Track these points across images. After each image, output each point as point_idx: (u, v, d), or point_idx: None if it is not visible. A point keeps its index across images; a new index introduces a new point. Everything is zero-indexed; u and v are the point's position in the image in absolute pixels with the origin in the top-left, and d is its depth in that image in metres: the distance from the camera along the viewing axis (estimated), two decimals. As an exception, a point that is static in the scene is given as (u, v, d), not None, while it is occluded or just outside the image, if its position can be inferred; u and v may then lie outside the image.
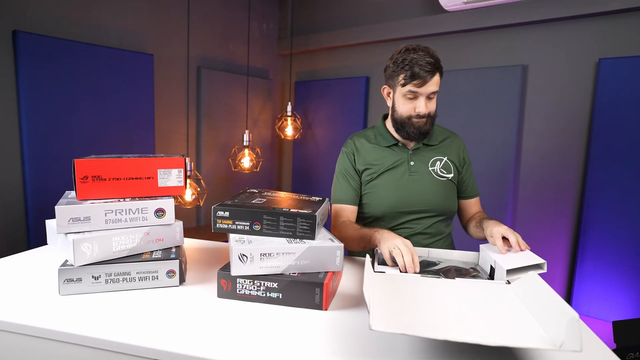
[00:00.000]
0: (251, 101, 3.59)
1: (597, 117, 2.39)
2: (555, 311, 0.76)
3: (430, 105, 1.37)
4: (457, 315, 0.85)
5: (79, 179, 1.05)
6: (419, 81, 1.31)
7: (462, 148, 1.53)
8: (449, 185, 1.46)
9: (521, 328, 0.79)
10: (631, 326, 2.02)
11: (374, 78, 3.44)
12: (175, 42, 3.02)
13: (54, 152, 2.36)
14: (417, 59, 1.31)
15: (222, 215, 1.04)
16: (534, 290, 0.88)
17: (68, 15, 2.43)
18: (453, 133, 1.56)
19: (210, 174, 3.38)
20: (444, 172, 1.46)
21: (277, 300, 0.96)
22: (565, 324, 0.70)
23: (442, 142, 1.50)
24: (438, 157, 1.47)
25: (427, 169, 1.45)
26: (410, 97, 1.36)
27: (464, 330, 0.79)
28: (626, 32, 2.34)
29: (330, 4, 3.66)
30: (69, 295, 0.98)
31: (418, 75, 1.30)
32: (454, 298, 0.94)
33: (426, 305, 0.89)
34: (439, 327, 0.79)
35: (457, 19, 2.85)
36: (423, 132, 1.40)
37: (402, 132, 1.42)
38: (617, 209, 2.36)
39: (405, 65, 1.32)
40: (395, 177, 1.44)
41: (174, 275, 1.06)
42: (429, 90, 1.33)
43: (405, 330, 0.72)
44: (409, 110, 1.38)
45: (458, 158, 1.49)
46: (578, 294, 2.49)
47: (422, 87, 1.32)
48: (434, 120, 1.42)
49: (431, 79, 1.31)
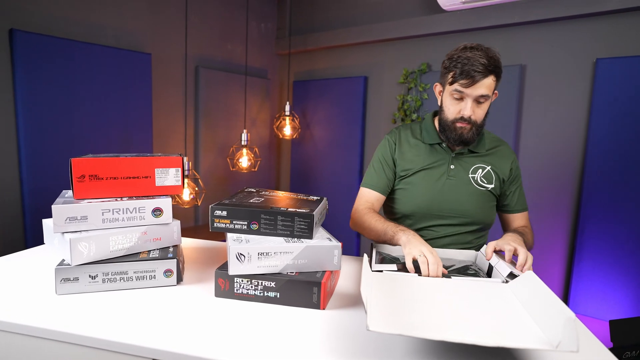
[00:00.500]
0: (249, 101, 3.59)
1: (594, 117, 2.40)
2: (552, 311, 0.76)
3: (478, 111, 1.28)
4: (454, 315, 0.85)
5: (76, 178, 1.05)
6: (467, 80, 1.23)
7: (512, 160, 1.43)
8: (486, 195, 1.39)
9: (518, 328, 0.79)
10: (628, 325, 2.02)
11: (372, 78, 3.45)
12: (173, 42, 3.01)
13: (51, 151, 2.35)
14: (471, 58, 1.22)
15: (220, 215, 1.04)
16: (531, 290, 0.89)
17: (65, 14, 2.42)
18: (504, 143, 1.47)
19: (209, 174, 3.37)
20: (484, 182, 1.39)
21: (275, 299, 0.96)
22: (562, 324, 0.70)
23: (489, 151, 1.42)
24: (481, 165, 1.40)
25: (467, 175, 1.39)
26: (456, 97, 1.28)
27: (461, 330, 0.79)
28: (623, 32, 2.34)
29: (328, 3, 3.66)
30: (65, 294, 0.98)
31: (467, 74, 1.22)
32: (452, 297, 0.94)
33: (423, 305, 0.89)
34: (436, 327, 0.79)
35: (455, 19, 2.85)
36: (465, 140, 1.32)
37: (444, 135, 1.36)
38: (614, 208, 2.37)
39: (458, 63, 1.24)
40: (432, 177, 1.40)
41: (172, 275, 1.05)
42: (476, 92, 1.24)
43: (402, 331, 0.71)
44: (454, 112, 1.30)
45: (503, 169, 1.40)
46: (575, 293, 2.50)
47: (469, 88, 1.24)
48: (479, 130, 1.32)
49: (481, 81, 1.22)
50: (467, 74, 1.22)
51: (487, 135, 1.45)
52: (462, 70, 1.23)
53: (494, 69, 1.23)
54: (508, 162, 1.42)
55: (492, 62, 1.22)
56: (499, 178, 1.40)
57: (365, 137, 3.52)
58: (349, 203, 1.68)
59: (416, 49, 3.15)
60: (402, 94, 3.20)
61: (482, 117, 1.30)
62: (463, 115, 1.28)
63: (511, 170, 1.42)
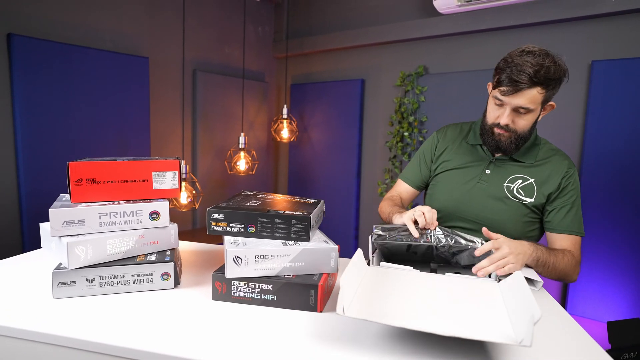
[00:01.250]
0: (247, 104, 3.60)
1: (590, 119, 2.41)
2: (523, 310, 0.78)
3: (519, 121, 1.21)
4: (431, 307, 0.88)
5: (73, 181, 1.05)
6: (507, 88, 1.16)
7: (564, 174, 1.28)
8: (520, 209, 1.29)
9: (490, 323, 0.82)
10: (626, 326, 2.03)
11: (369, 80, 3.46)
12: (170, 45, 3.02)
13: (49, 155, 2.35)
14: (520, 65, 1.13)
15: (217, 218, 1.04)
16: (514, 289, 0.91)
17: (63, 19, 2.43)
18: (560, 154, 1.33)
19: (206, 177, 3.37)
20: (521, 194, 1.28)
21: (272, 302, 0.97)
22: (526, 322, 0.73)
23: (539, 162, 1.31)
24: (523, 175, 1.30)
25: (502, 183, 1.30)
26: (497, 103, 1.22)
27: (431, 321, 0.82)
28: (619, 34, 2.36)
29: (326, 7, 3.67)
30: (62, 298, 0.98)
31: (508, 82, 1.15)
32: (437, 292, 0.97)
33: (405, 296, 0.93)
34: (408, 317, 0.83)
35: (452, 22, 2.86)
36: (501, 147, 1.26)
37: (483, 139, 1.32)
38: (611, 210, 2.37)
39: (506, 68, 1.16)
40: (463, 178, 1.36)
41: (169, 278, 1.05)
42: (515, 102, 1.16)
43: (369, 317, 0.76)
44: (493, 118, 1.25)
45: (551, 184, 1.28)
46: (573, 295, 2.50)
47: (507, 97, 1.17)
48: (520, 141, 1.25)
49: (522, 92, 1.14)
50: (508, 82, 1.15)
51: (545, 146, 1.34)
52: (506, 76, 1.15)
53: (543, 80, 1.13)
54: (558, 176, 1.28)
55: (541, 72, 1.12)
56: (543, 193, 1.28)
57: (363, 140, 3.53)
58: (346, 205, 1.70)
59: (413, 51, 3.17)
60: (399, 97, 3.21)
61: (525, 127, 1.22)
62: (499, 123, 1.22)
63: (560, 184, 1.28)
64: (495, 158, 1.34)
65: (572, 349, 0.83)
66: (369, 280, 1.01)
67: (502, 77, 1.16)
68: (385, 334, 0.85)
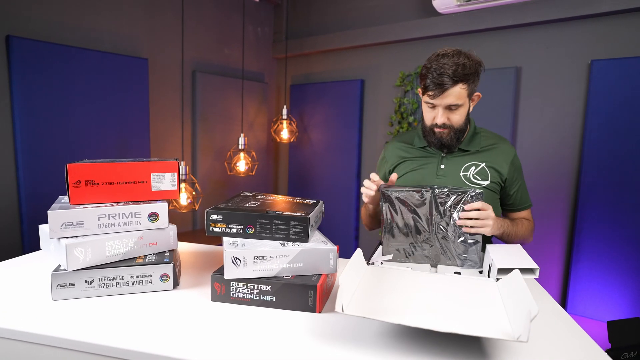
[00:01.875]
0: (246, 105, 3.60)
1: (590, 118, 2.41)
2: (521, 307, 0.79)
3: (453, 116, 1.31)
4: (429, 304, 0.89)
5: (72, 183, 1.05)
6: (434, 92, 1.26)
7: (511, 156, 1.41)
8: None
9: (487, 320, 0.83)
10: (626, 326, 2.03)
11: (369, 81, 3.46)
12: (170, 46, 3.02)
13: (49, 157, 2.35)
14: (439, 68, 1.24)
15: (216, 219, 1.04)
16: (512, 287, 0.92)
17: (62, 20, 2.43)
18: (503, 139, 1.46)
19: (206, 178, 3.37)
20: (477, 179, 1.38)
21: (271, 303, 0.97)
22: (523, 318, 0.74)
23: (484, 148, 1.42)
24: (474, 162, 1.39)
25: (458, 173, 1.39)
26: (430, 106, 1.32)
27: (428, 318, 0.83)
28: (618, 33, 2.36)
29: (325, 7, 3.67)
30: (61, 300, 0.98)
31: (434, 85, 1.25)
32: (435, 290, 0.98)
33: (402, 294, 0.93)
34: (405, 314, 0.83)
35: (451, 22, 2.86)
36: (445, 143, 1.36)
37: (426, 140, 1.41)
38: (611, 209, 2.37)
39: (428, 74, 1.27)
40: (421, 178, 1.43)
41: (168, 279, 1.05)
42: (445, 102, 1.27)
43: (368, 314, 0.77)
44: (429, 119, 1.35)
45: (502, 166, 1.39)
46: (573, 294, 2.50)
47: (436, 99, 1.28)
48: (459, 133, 1.35)
49: (448, 90, 1.25)
50: (433, 86, 1.25)
51: (484, 134, 1.46)
52: (431, 81, 1.26)
53: (462, 77, 1.24)
54: (506, 159, 1.40)
55: (459, 70, 1.23)
56: (498, 175, 1.39)
57: (363, 140, 3.53)
58: (346, 206, 1.71)
59: (412, 52, 3.17)
60: (399, 97, 3.21)
61: (460, 121, 1.33)
62: (436, 123, 1.32)
63: (510, 169, 1.41)
64: (445, 153, 1.43)
65: (570, 348, 0.83)
66: (368, 280, 1.01)
67: (427, 83, 1.27)
68: (384, 333, 0.85)
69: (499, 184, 1.41)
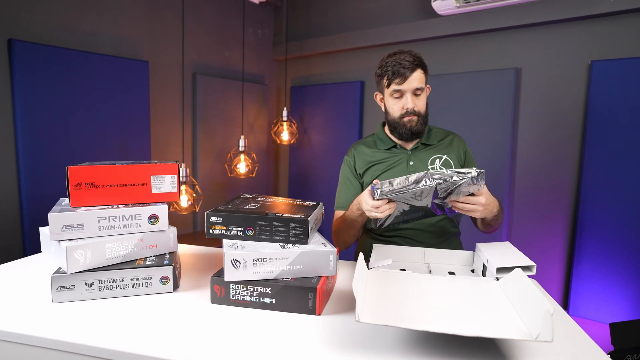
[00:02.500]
0: (247, 107, 3.60)
1: (590, 118, 2.41)
2: (534, 305, 0.79)
3: (419, 102, 1.42)
4: (442, 309, 0.88)
5: (72, 186, 1.05)
6: (400, 78, 1.38)
7: (463, 146, 1.54)
8: None
9: (502, 321, 0.83)
10: (629, 328, 2.02)
11: (368, 82, 3.46)
12: (170, 49, 3.03)
13: (50, 159, 2.36)
14: (397, 59, 1.38)
15: (215, 221, 1.04)
16: (517, 286, 0.92)
17: (63, 23, 2.44)
18: (452, 133, 1.59)
19: (206, 180, 3.37)
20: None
21: (271, 305, 0.96)
22: (540, 317, 0.74)
23: (441, 141, 1.53)
24: (437, 155, 1.49)
25: (427, 167, 1.47)
26: (396, 96, 1.42)
27: (446, 322, 0.82)
28: (618, 34, 2.35)
29: (325, 9, 3.68)
30: (62, 302, 0.98)
31: (398, 73, 1.37)
32: (441, 293, 0.97)
33: (413, 299, 0.93)
34: (423, 319, 0.83)
35: (451, 23, 2.87)
36: (415, 131, 1.44)
37: (396, 134, 1.48)
38: (612, 209, 2.37)
39: (387, 67, 1.40)
40: (393, 176, 1.45)
41: (168, 282, 1.06)
42: (412, 86, 1.38)
43: (388, 322, 0.75)
44: (399, 110, 1.43)
45: (458, 156, 1.51)
46: (575, 296, 2.50)
47: (405, 84, 1.38)
48: (425, 120, 1.46)
49: (411, 75, 1.37)
50: (398, 73, 1.38)
51: (435, 129, 1.57)
52: (393, 71, 1.38)
53: (419, 63, 1.39)
54: (460, 149, 1.52)
55: (416, 58, 1.39)
56: (459, 165, 1.50)
57: (363, 142, 3.53)
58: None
59: (412, 53, 3.16)
60: (399, 99, 3.21)
61: (423, 107, 1.44)
62: (407, 109, 1.40)
63: (464, 155, 1.52)
64: (411, 149, 1.51)
65: (572, 350, 0.82)
66: (372, 285, 1.00)
67: (390, 75, 1.39)
68: (383, 336, 0.85)
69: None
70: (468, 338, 0.82)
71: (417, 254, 1.32)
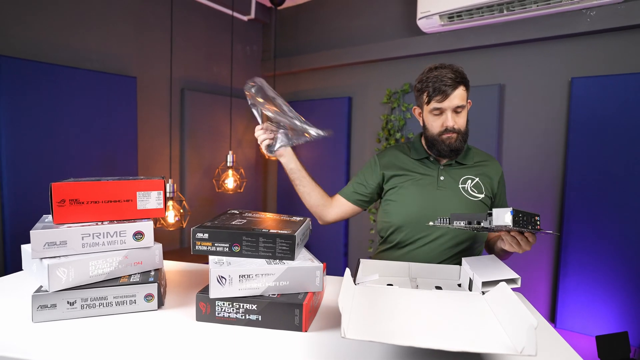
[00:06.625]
0: (235, 122, 3.61)
1: (572, 133, 2.46)
2: (518, 319, 0.80)
3: (459, 120, 1.38)
4: (429, 323, 0.88)
5: (56, 202, 1.04)
6: (441, 96, 1.34)
7: (499, 174, 1.51)
8: (479, 206, 1.44)
9: (487, 335, 0.83)
10: (614, 340, 2.04)
11: (356, 98, 3.50)
12: (158, 65, 3.04)
13: (35, 176, 2.33)
14: (439, 75, 1.34)
15: (202, 237, 1.04)
16: (502, 300, 0.92)
17: (50, 39, 2.43)
18: (492, 157, 1.55)
19: (194, 195, 3.35)
20: (474, 192, 1.44)
21: (257, 322, 0.96)
22: (525, 331, 0.74)
23: (477, 163, 1.50)
24: (470, 176, 1.46)
25: (457, 185, 1.44)
26: (436, 113, 1.38)
27: (432, 337, 0.82)
28: (597, 52, 2.43)
29: (312, 26, 3.73)
30: (43, 322, 0.96)
31: (439, 90, 1.33)
32: (429, 308, 0.97)
33: (400, 314, 0.92)
34: (410, 335, 0.82)
35: (435, 41, 2.93)
36: (454, 148, 1.40)
37: (434, 150, 1.45)
38: (597, 223, 2.41)
39: (428, 83, 1.36)
40: (422, 188, 1.46)
41: (152, 299, 1.04)
42: (453, 104, 1.35)
43: (374, 337, 0.75)
44: (438, 127, 1.39)
45: (493, 182, 1.48)
46: (562, 309, 2.51)
47: (445, 102, 1.35)
48: (465, 137, 1.42)
49: (453, 92, 1.33)
50: (439, 91, 1.33)
51: (474, 150, 1.54)
52: (434, 88, 1.34)
53: (462, 80, 1.35)
54: (495, 176, 1.49)
55: (458, 74, 1.35)
56: (489, 190, 1.47)
57: (351, 157, 3.55)
58: (335, 223, 1.71)
59: (398, 69, 3.22)
60: (386, 114, 3.26)
61: (464, 125, 1.40)
62: (447, 127, 1.37)
63: (498, 183, 1.49)
64: (443, 165, 1.48)
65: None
66: (360, 301, 0.99)
67: (430, 92, 1.35)
68: (370, 351, 0.85)
69: (491, 198, 1.48)
70: (454, 353, 0.82)
71: (403, 268, 1.32)
